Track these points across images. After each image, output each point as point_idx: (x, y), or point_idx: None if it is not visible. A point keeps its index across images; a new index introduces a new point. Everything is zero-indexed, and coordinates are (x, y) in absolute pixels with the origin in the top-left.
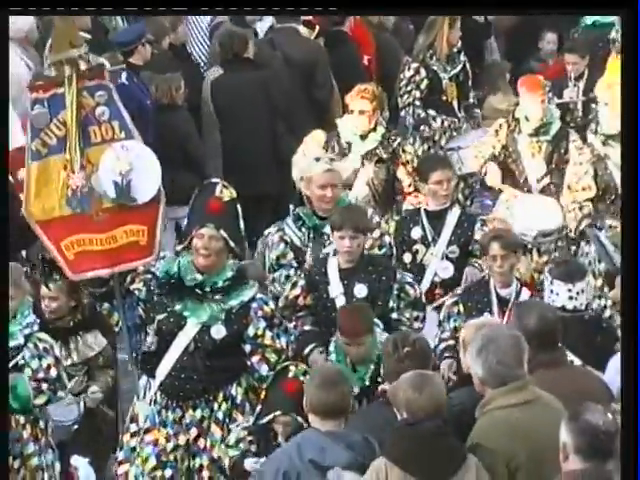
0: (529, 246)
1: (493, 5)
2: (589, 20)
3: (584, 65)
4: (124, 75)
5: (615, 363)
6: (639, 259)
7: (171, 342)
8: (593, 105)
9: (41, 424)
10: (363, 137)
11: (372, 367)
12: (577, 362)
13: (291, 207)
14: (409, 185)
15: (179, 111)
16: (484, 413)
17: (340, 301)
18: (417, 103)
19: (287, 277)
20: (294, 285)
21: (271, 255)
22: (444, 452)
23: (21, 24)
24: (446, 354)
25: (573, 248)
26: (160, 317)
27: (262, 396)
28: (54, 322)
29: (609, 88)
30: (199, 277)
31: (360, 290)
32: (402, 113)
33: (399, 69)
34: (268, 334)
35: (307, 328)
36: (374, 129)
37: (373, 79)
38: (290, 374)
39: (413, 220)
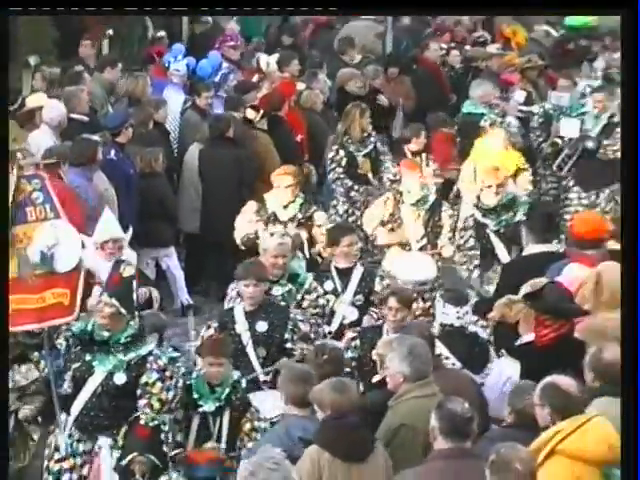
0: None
1: (494, 5)
2: (466, 109)
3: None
4: (113, 152)
5: (497, 366)
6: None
7: (83, 386)
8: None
9: None
10: (285, 207)
11: (227, 389)
12: (458, 365)
13: None
14: (322, 243)
15: (158, 177)
16: (401, 402)
17: (245, 336)
18: (342, 176)
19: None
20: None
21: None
22: (361, 440)
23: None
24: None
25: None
26: (75, 366)
27: (122, 442)
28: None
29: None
30: (105, 334)
31: (261, 326)
32: (333, 185)
33: (327, 145)
34: (158, 384)
35: None
36: (294, 200)
37: (305, 154)
38: (141, 421)
39: (326, 275)
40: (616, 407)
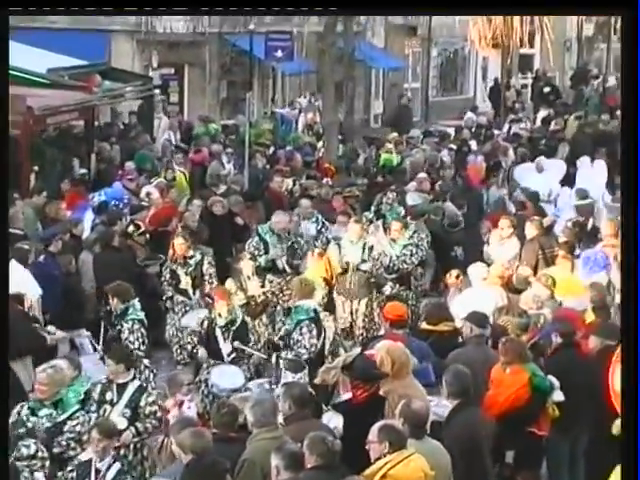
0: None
1: (492, 5)
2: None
3: None
4: (42, 257)
5: (326, 418)
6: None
7: None
8: None
9: None
10: None
11: None
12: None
13: None
14: None
15: (72, 276)
16: (252, 442)
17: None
18: (170, 293)
19: None
20: (28, 447)
21: None
22: (220, 473)
23: None
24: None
25: None
26: None
27: None
28: None
29: None
30: None
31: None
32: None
33: None
34: None
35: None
36: None
37: None
38: None
39: (109, 389)
40: (418, 447)
